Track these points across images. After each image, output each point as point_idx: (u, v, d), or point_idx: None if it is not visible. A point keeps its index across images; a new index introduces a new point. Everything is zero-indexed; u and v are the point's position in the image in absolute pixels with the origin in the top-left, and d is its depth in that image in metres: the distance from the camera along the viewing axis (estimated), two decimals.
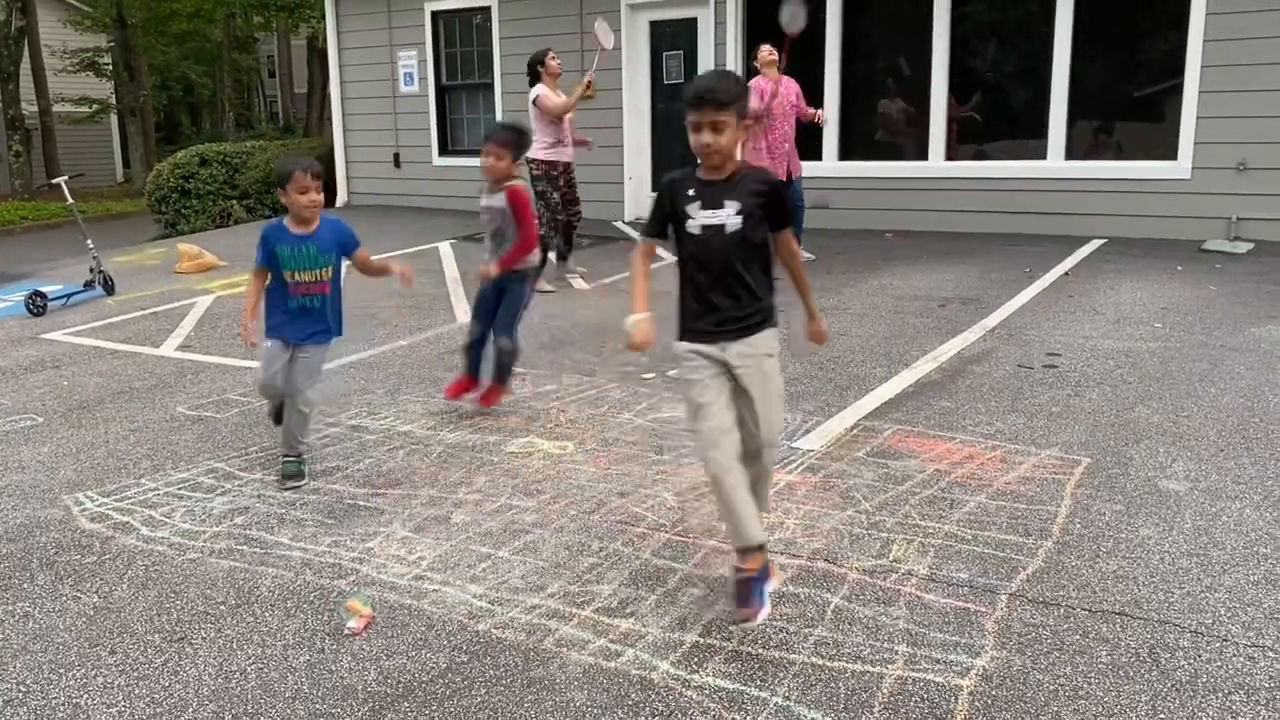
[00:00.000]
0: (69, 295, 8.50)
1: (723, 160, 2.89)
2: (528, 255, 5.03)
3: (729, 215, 2.87)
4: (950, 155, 10.15)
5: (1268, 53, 8.47)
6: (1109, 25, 9.28)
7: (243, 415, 5.20)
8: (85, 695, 2.79)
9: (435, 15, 13.04)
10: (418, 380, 5.73)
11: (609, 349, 6.22)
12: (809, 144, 10.10)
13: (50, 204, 19.69)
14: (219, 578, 3.45)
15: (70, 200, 9.18)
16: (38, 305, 8.08)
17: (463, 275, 8.75)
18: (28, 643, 3.08)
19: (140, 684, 2.83)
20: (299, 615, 3.17)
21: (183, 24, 28.68)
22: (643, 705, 2.64)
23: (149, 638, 3.08)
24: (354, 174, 14.11)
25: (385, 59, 13.51)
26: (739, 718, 2.57)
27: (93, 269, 8.77)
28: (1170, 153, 9.03)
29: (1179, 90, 8.92)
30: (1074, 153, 9.53)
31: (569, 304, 7.68)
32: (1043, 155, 9.60)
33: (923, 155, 10.22)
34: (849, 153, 10.57)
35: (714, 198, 2.90)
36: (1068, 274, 7.86)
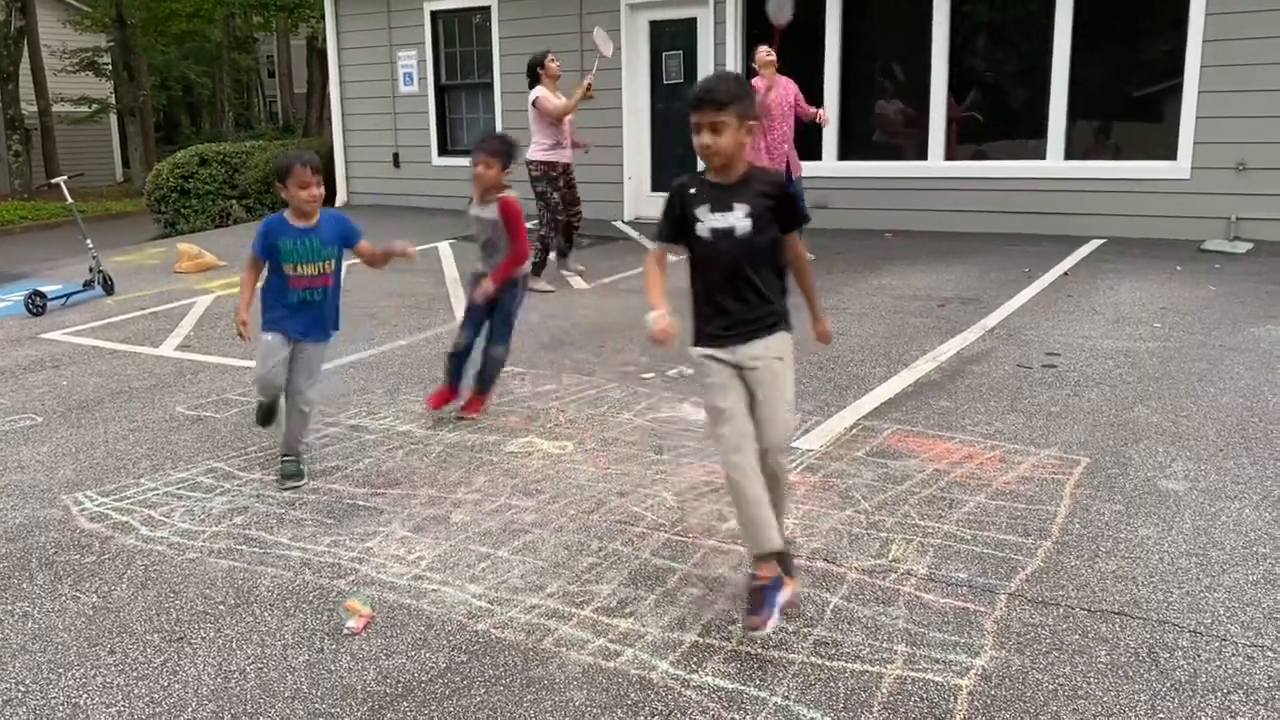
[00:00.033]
0: (68, 295, 8.50)
1: (725, 162, 2.85)
2: (520, 267, 5.00)
3: (738, 218, 2.83)
4: (950, 155, 10.15)
5: (1267, 53, 8.47)
6: (1109, 25, 9.28)
7: (242, 415, 5.20)
8: (84, 695, 2.79)
9: (435, 15, 13.05)
10: (417, 380, 5.73)
11: (609, 349, 6.22)
12: (809, 144, 10.10)
13: (50, 204, 19.68)
14: (218, 577, 3.45)
15: (70, 200, 9.19)
16: (37, 305, 8.08)
17: (462, 275, 8.74)
18: (27, 642, 3.08)
19: (139, 684, 2.83)
20: (298, 615, 3.18)
21: (182, 24, 28.68)
22: (642, 705, 2.64)
23: (148, 637, 3.08)
24: (353, 174, 14.11)
25: (385, 59, 13.51)
26: (738, 717, 2.57)
27: (92, 269, 8.77)
28: (1170, 153, 9.03)
29: (1178, 90, 8.92)
30: (1073, 153, 9.53)
31: (568, 304, 7.68)
32: (1042, 155, 9.60)
33: (922, 155, 10.22)
34: (849, 153, 10.57)
35: (723, 201, 2.85)
36: (1067, 274, 7.86)
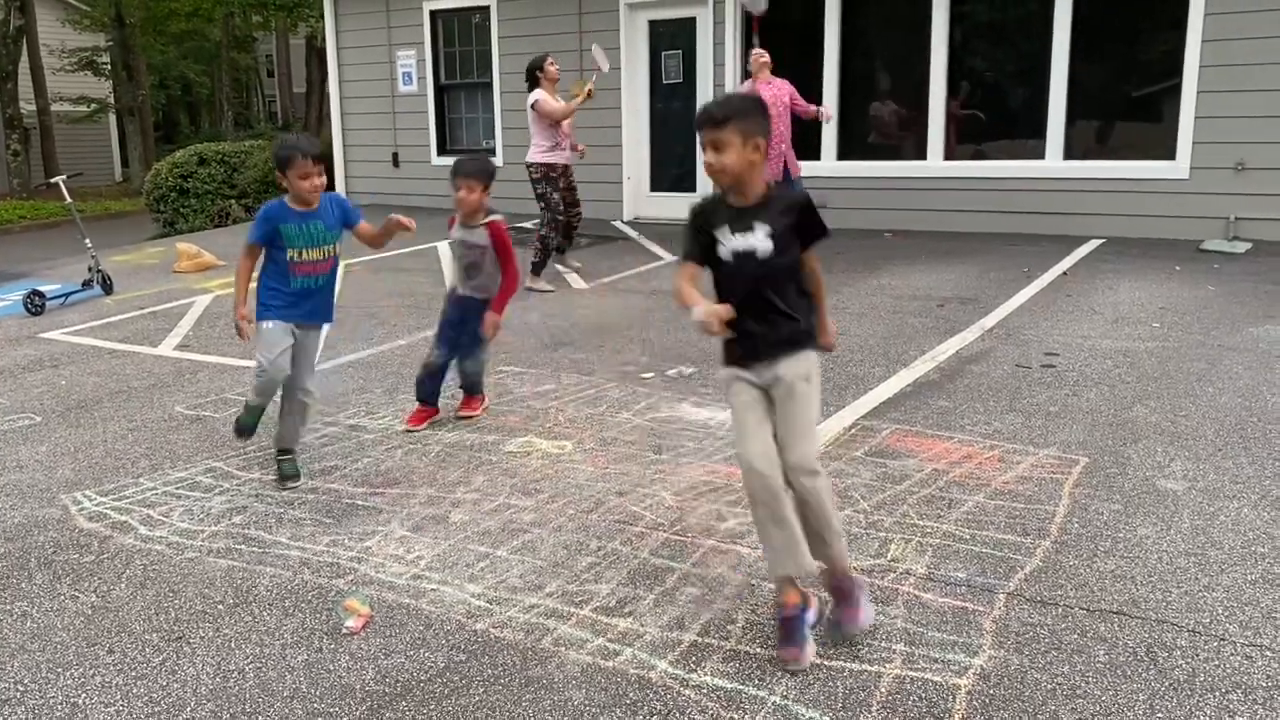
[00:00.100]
0: (67, 294, 8.50)
1: (732, 181, 2.77)
2: (515, 292, 4.94)
3: (760, 239, 2.76)
4: (949, 155, 10.15)
5: (1266, 53, 8.47)
6: (1108, 25, 9.29)
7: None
8: (83, 694, 2.79)
9: (434, 15, 13.04)
10: (417, 379, 5.71)
11: (608, 348, 6.22)
12: (808, 144, 10.12)
13: (48, 203, 19.68)
14: (217, 577, 3.45)
15: (68, 199, 9.19)
16: (36, 304, 8.08)
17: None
18: (25, 642, 3.08)
19: (138, 683, 2.83)
20: (297, 614, 3.17)
21: (181, 23, 28.68)
22: (641, 704, 2.64)
23: (147, 637, 3.08)
24: (352, 173, 14.10)
25: (384, 58, 13.51)
26: (737, 717, 2.57)
27: (91, 268, 8.77)
28: (1169, 153, 9.03)
29: (1177, 90, 8.93)
30: (1073, 152, 9.54)
31: (567, 303, 7.68)
32: (1041, 155, 9.60)
33: (921, 155, 10.22)
34: (848, 152, 10.57)
35: (743, 222, 2.78)
36: (1066, 274, 7.86)
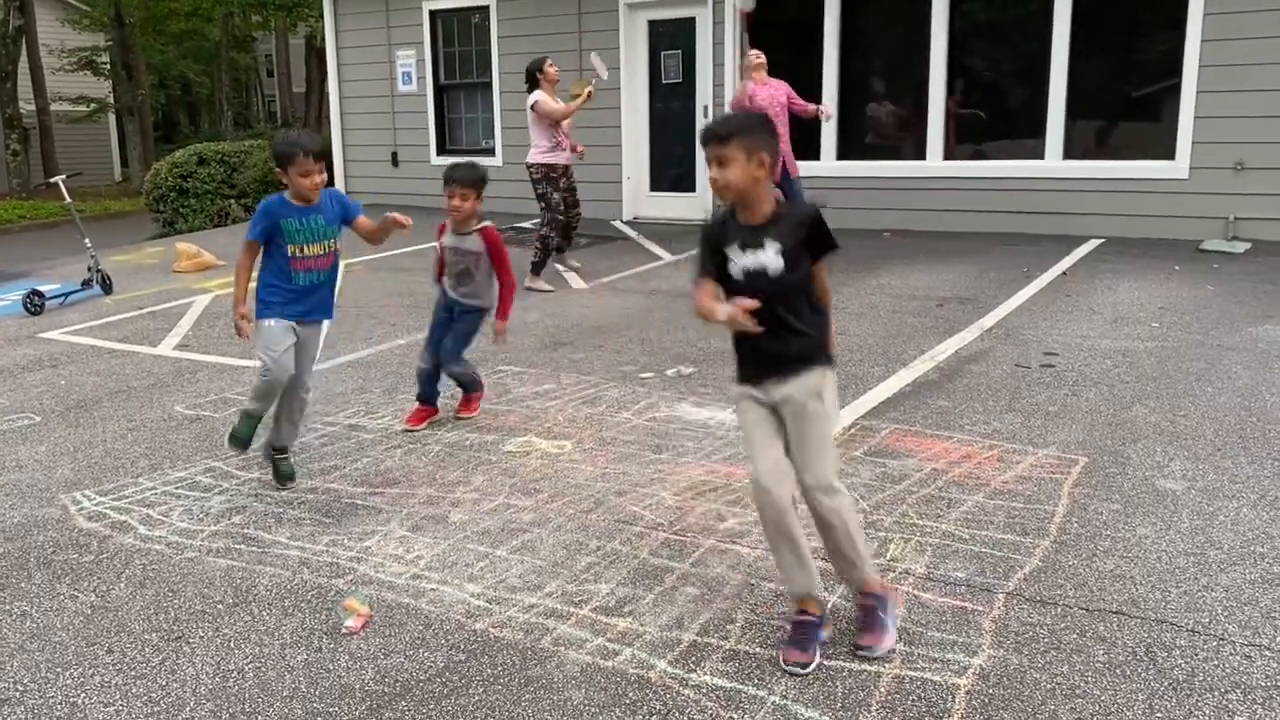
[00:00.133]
0: (67, 294, 8.50)
1: (736, 196, 2.76)
2: (514, 295, 4.97)
3: (770, 257, 2.74)
4: (948, 154, 10.14)
5: (1266, 52, 8.47)
6: (1107, 25, 9.28)
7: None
8: (82, 694, 2.79)
9: (433, 14, 13.04)
10: (415, 380, 5.71)
11: (608, 348, 6.22)
12: (808, 143, 10.12)
13: (48, 203, 19.67)
14: (216, 576, 3.45)
15: (68, 199, 9.19)
16: (35, 304, 8.08)
17: None
18: (25, 641, 3.07)
19: (137, 683, 2.83)
20: (296, 614, 3.17)
21: (181, 23, 28.66)
22: (640, 704, 2.64)
23: (146, 636, 3.08)
24: (352, 173, 14.10)
25: (383, 58, 13.50)
26: (736, 716, 2.58)
27: (90, 268, 8.77)
28: (1168, 152, 9.03)
29: (1177, 90, 8.92)
30: (1072, 152, 9.53)
31: (567, 303, 7.68)
32: (1041, 155, 9.60)
33: (921, 155, 10.22)
34: (847, 152, 10.57)
35: (754, 240, 2.77)
36: (1065, 274, 7.86)
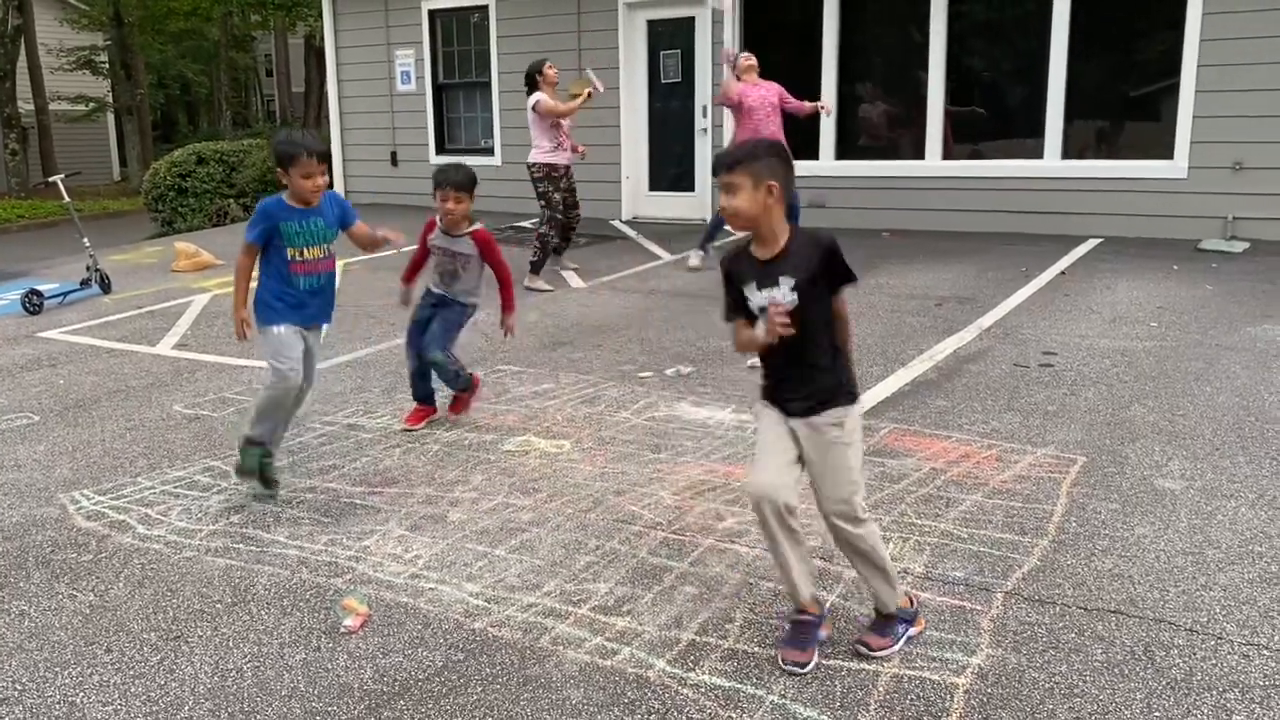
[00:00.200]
0: (65, 294, 8.49)
1: (746, 224, 2.73)
2: (514, 289, 4.95)
3: (784, 294, 2.72)
4: (947, 154, 10.15)
5: (1264, 52, 8.48)
6: (1106, 24, 9.29)
7: (239, 414, 5.19)
8: (81, 693, 2.79)
9: (432, 14, 13.04)
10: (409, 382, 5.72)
11: (607, 348, 6.22)
12: (807, 143, 10.12)
13: (47, 202, 19.67)
14: (215, 576, 3.45)
15: (66, 199, 9.18)
16: (34, 304, 8.07)
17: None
18: (23, 641, 3.07)
19: (136, 682, 2.83)
20: (295, 613, 3.17)
21: (180, 22, 28.67)
22: (639, 703, 2.64)
23: (145, 636, 3.08)
24: (351, 172, 14.10)
25: (382, 58, 13.50)
26: (735, 716, 2.58)
27: (89, 267, 8.76)
28: (1167, 152, 9.04)
29: (1175, 90, 8.94)
30: (1071, 152, 9.55)
31: (566, 302, 7.68)
32: (1039, 154, 9.61)
33: (920, 154, 10.22)
34: (846, 152, 10.57)
35: (768, 276, 2.74)
36: (1064, 273, 7.86)
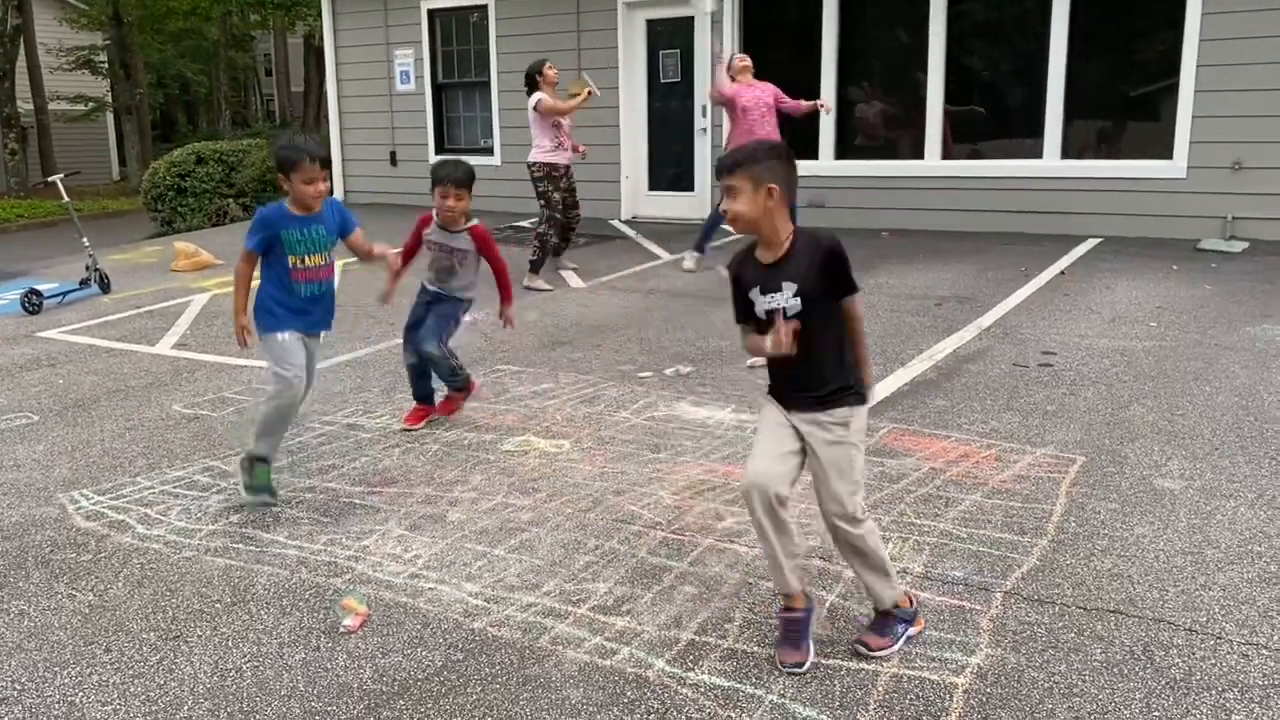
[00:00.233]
0: (65, 293, 8.49)
1: (747, 227, 2.74)
2: (511, 282, 4.95)
3: (787, 299, 2.72)
4: (946, 154, 10.15)
5: (1263, 52, 8.48)
6: (1105, 24, 9.29)
7: (238, 414, 5.20)
8: (80, 693, 2.79)
9: (431, 14, 13.03)
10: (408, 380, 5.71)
11: (606, 347, 6.22)
12: (806, 143, 10.13)
13: (46, 202, 19.66)
14: (214, 576, 3.45)
15: (66, 198, 9.18)
16: (33, 303, 8.07)
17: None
18: (22, 640, 3.07)
19: (135, 682, 2.83)
20: (294, 613, 3.17)
21: (179, 22, 28.65)
22: (638, 703, 2.64)
23: (144, 636, 3.08)
24: (350, 172, 14.09)
25: (382, 57, 13.50)
26: (734, 715, 2.58)
27: (89, 267, 8.76)
28: (1166, 152, 9.03)
29: (1175, 89, 8.93)
30: (1070, 152, 9.54)
31: (565, 302, 7.68)
32: (1039, 154, 9.60)
33: (919, 154, 10.22)
34: (845, 151, 10.57)
35: (771, 281, 2.74)
36: (1064, 273, 7.86)
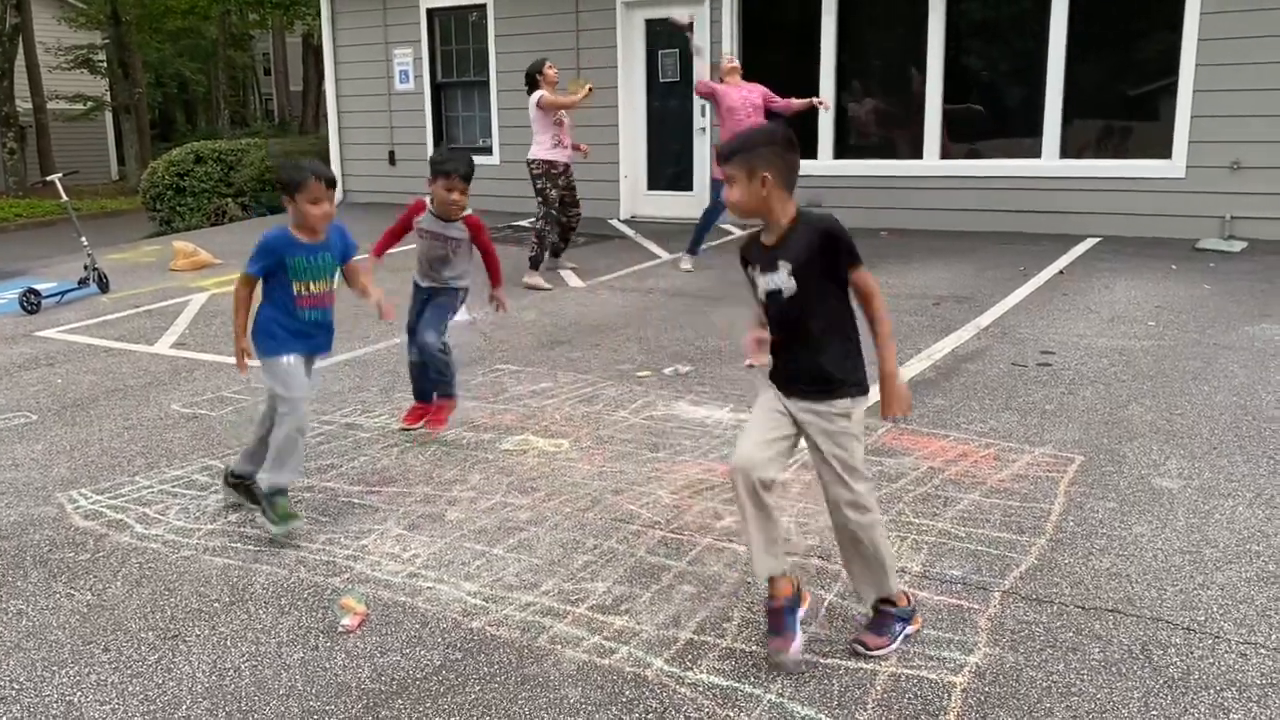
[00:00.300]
0: (63, 293, 8.49)
1: (745, 214, 2.76)
2: (500, 266, 4.88)
3: (783, 279, 2.73)
4: (945, 153, 10.15)
5: (1262, 52, 8.49)
6: (1104, 24, 9.30)
7: (237, 413, 5.20)
8: (78, 693, 2.79)
9: (430, 13, 13.03)
10: (409, 377, 5.71)
11: (605, 347, 6.22)
12: (805, 143, 10.07)
13: (45, 201, 19.66)
14: (213, 575, 3.44)
15: (64, 198, 9.18)
16: (32, 303, 8.06)
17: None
18: (21, 640, 3.07)
19: (134, 681, 2.83)
20: (293, 613, 3.17)
21: (177, 21, 28.62)
22: (636, 702, 2.64)
23: (143, 635, 3.07)
24: (349, 171, 14.08)
25: (380, 56, 13.49)
26: (732, 715, 2.58)
27: (87, 266, 8.75)
28: (1165, 151, 9.04)
29: (1173, 89, 8.94)
30: (1069, 151, 9.55)
31: (564, 301, 7.68)
32: (1038, 154, 9.61)
33: (918, 153, 10.22)
34: (844, 151, 10.57)
35: (769, 261, 2.74)
36: (1062, 272, 7.87)
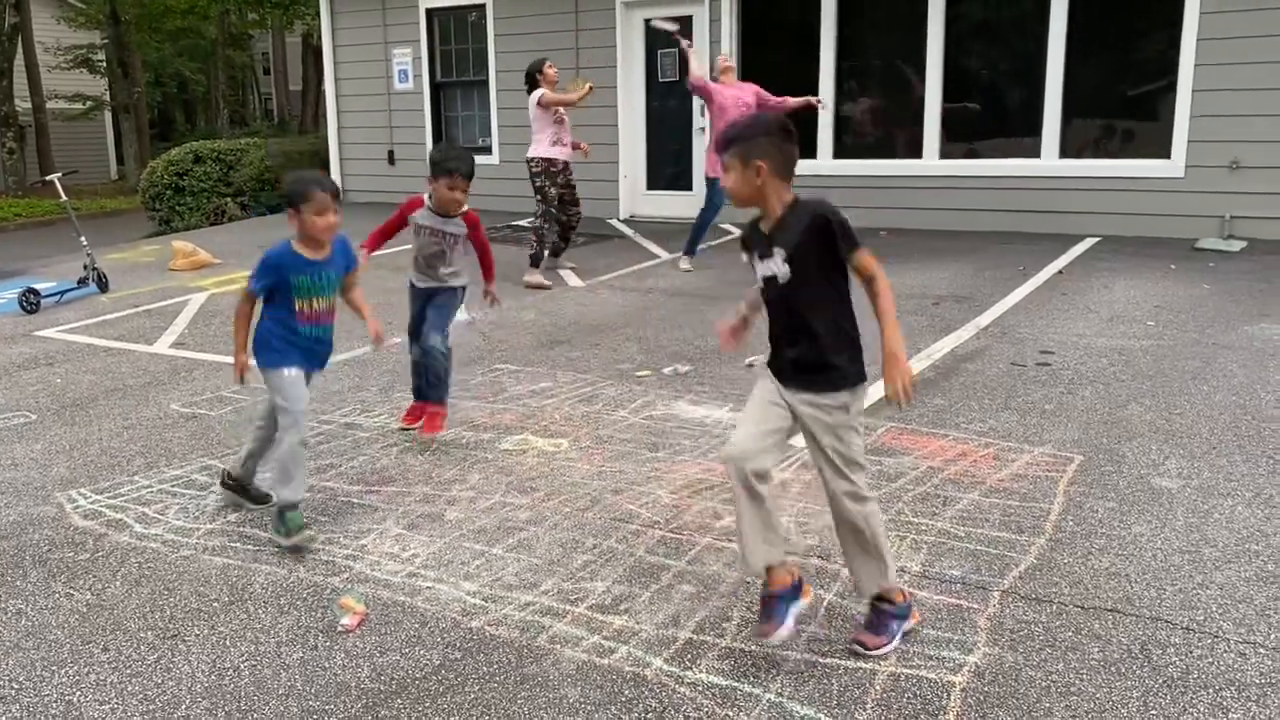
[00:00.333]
0: (63, 292, 8.48)
1: (743, 202, 2.78)
2: (493, 260, 4.86)
3: (778, 265, 2.76)
4: (944, 153, 10.16)
5: (1261, 51, 8.49)
6: (1103, 24, 9.30)
7: (236, 413, 5.20)
8: (78, 692, 2.79)
9: (430, 13, 13.03)
10: (411, 374, 5.70)
11: (604, 346, 6.21)
12: (804, 142, 10.05)
13: (44, 201, 19.65)
14: (212, 575, 3.44)
15: (64, 197, 9.17)
16: (31, 302, 8.06)
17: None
18: (20, 640, 3.07)
19: (133, 681, 2.83)
20: (292, 612, 3.17)
21: (177, 21, 28.59)
22: (636, 702, 2.64)
23: (142, 635, 3.07)
24: (349, 171, 14.09)
25: (380, 56, 13.49)
26: (732, 714, 2.58)
27: (86, 266, 8.75)
28: (1164, 151, 9.05)
29: (1173, 89, 8.95)
30: (1068, 151, 9.55)
31: (563, 301, 7.68)
32: (1037, 153, 9.61)
33: (917, 153, 10.22)
34: (843, 151, 10.57)
35: (766, 247, 2.76)
36: (1061, 272, 7.87)
